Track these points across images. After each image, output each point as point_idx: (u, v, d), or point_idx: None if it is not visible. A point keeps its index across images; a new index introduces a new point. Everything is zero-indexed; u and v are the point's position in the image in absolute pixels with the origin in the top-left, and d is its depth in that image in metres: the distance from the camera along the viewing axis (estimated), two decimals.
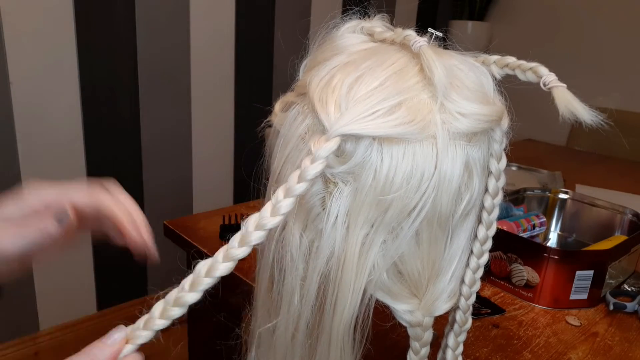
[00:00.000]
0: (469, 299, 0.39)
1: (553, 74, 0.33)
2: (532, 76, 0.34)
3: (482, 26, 2.34)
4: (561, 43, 2.21)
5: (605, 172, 1.42)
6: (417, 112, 0.31)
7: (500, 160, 0.35)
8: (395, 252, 0.32)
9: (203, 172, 1.78)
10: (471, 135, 0.32)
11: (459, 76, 0.33)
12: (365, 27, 0.36)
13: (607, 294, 0.68)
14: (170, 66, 1.60)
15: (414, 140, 0.30)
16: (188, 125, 1.70)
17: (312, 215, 0.33)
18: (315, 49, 0.37)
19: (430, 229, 0.33)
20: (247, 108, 1.82)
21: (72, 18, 1.36)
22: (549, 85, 0.33)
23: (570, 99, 0.32)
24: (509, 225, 0.79)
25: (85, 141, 1.47)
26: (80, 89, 1.42)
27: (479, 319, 0.63)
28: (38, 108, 1.36)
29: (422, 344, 0.38)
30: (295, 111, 0.35)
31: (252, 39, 1.78)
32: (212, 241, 0.80)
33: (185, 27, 1.60)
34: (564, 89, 0.32)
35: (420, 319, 0.36)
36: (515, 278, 0.69)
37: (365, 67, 0.32)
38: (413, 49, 0.33)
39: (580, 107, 0.32)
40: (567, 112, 0.32)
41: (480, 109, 0.32)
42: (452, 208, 0.33)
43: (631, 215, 0.80)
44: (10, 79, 1.29)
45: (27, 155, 1.36)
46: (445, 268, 0.35)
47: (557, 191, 0.90)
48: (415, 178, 0.31)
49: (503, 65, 0.35)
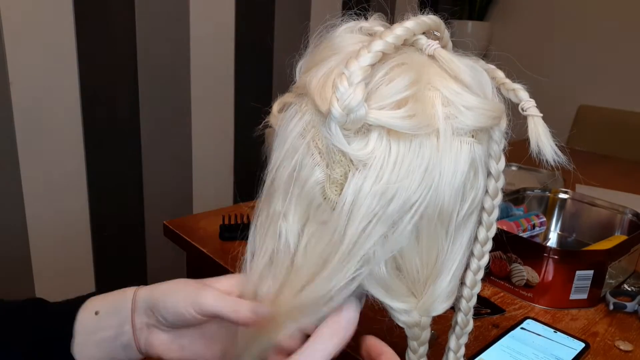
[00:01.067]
0: (470, 300, 0.39)
1: (532, 100, 0.33)
2: (513, 97, 0.34)
3: (482, 26, 2.34)
4: (561, 43, 2.21)
5: (605, 172, 1.42)
6: (424, 106, 0.31)
7: (500, 161, 0.36)
8: (394, 245, 0.32)
9: (203, 172, 1.78)
10: (476, 132, 0.33)
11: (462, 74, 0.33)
12: (365, 27, 0.36)
13: (607, 293, 0.68)
14: (170, 66, 1.60)
15: (420, 134, 0.31)
16: (188, 125, 1.70)
17: (314, 206, 0.33)
18: (312, 50, 0.37)
19: (431, 225, 0.33)
20: (247, 108, 1.82)
21: (72, 18, 1.36)
22: (526, 112, 0.33)
23: (541, 132, 0.32)
24: (509, 225, 0.79)
25: (85, 141, 1.47)
26: (80, 89, 1.42)
27: (479, 319, 0.63)
28: (38, 108, 1.36)
29: (420, 343, 0.38)
30: (293, 110, 0.35)
31: (252, 39, 1.78)
32: (212, 241, 0.80)
33: (185, 27, 1.60)
34: (538, 120, 0.33)
35: (417, 319, 0.36)
36: (515, 278, 0.69)
37: None
38: (427, 52, 0.34)
39: (547, 144, 0.32)
40: (534, 144, 0.32)
41: (485, 103, 0.32)
42: (455, 206, 0.33)
43: (631, 215, 0.80)
44: (10, 79, 1.29)
45: (27, 155, 1.37)
46: (446, 268, 0.35)
47: (557, 191, 0.90)
48: (419, 171, 0.31)
49: (491, 77, 0.36)
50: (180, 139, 1.70)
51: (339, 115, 0.29)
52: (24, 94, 1.32)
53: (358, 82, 0.29)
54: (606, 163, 1.56)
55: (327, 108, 0.30)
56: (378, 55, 0.30)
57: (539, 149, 0.32)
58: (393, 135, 0.31)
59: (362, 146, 0.31)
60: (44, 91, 1.36)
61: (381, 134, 0.31)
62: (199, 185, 1.78)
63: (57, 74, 1.37)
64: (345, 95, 0.29)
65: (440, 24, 0.35)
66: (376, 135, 0.31)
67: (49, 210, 1.44)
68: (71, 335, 0.40)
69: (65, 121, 1.42)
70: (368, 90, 0.31)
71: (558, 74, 2.21)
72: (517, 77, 0.36)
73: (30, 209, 1.40)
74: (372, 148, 0.31)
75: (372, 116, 0.30)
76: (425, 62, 0.33)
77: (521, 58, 0.36)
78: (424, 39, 0.34)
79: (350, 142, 0.31)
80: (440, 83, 0.32)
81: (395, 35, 0.31)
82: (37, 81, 1.34)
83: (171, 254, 1.67)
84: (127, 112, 1.54)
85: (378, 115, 0.30)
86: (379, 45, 0.30)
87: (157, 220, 1.68)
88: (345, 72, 0.29)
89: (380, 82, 0.31)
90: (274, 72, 1.89)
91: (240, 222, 0.83)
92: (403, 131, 0.30)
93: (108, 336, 0.40)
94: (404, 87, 0.31)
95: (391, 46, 0.31)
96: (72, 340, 0.40)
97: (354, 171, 0.31)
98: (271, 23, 1.84)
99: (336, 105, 0.29)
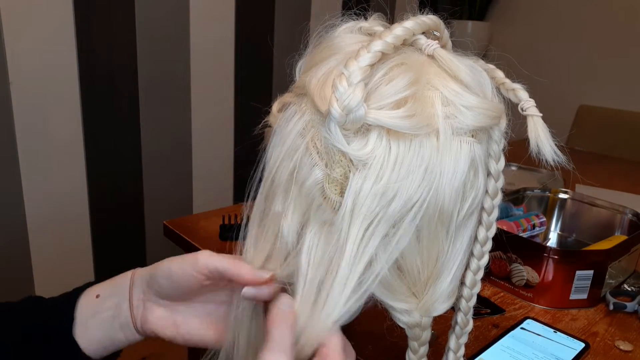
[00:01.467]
0: (470, 300, 0.39)
1: (532, 100, 0.33)
2: (513, 97, 0.34)
3: (482, 26, 2.34)
4: (561, 43, 2.21)
5: (605, 172, 1.42)
6: (423, 106, 0.31)
7: (499, 161, 0.35)
8: (396, 246, 0.32)
9: (203, 172, 1.78)
10: (475, 131, 0.33)
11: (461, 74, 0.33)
12: (364, 27, 0.36)
13: (607, 293, 0.68)
14: (170, 66, 1.60)
15: (420, 134, 0.31)
16: (188, 125, 1.70)
17: (314, 206, 0.33)
18: (312, 50, 0.37)
19: (431, 225, 0.33)
20: (247, 108, 1.82)
21: (72, 18, 1.36)
22: (525, 111, 0.33)
23: (540, 132, 0.32)
24: (509, 225, 0.79)
25: (85, 141, 1.47)
26: (80, 89, 1.42)
27: (479, 318, 0.63)
28: (38, 108, 1.36)
29: (420, 343, 0.38)
30: (292, 110, 0.35)
31: (252, 39, 1.78)
32: (212, 241, 0.80)
33: (185, 27, 1.60)
34: (538, 120, 0.33)
35: (417, 319, 0.36)
36: (515, 278, 0.69)
37: None
38: (427, 52, 0.33)
39: (546, 144, 0.32)
40: (534, 144, 0.32)
41: (484, 103, 0.32)
42: (456, 206, 0.33)
43: (631, 215, 0.80)
44: (10, 79, 1.29)
45: (27, 155, 1.37)
46: (447, 268, 0.35)
47: (557, 191, 0.90)
48: (420, 170, 0.31)
49: (491, 76, 0.36)
50: (180, 139, 1.70)
51: (338, 116, 0.29)
52: (24, 94, 1.32)
53: (357, 82, 0.29)
54: (606, 163, 1.56)
55: (326, 108, 0.30)
56: (377, 55, 0.30)
57: (539, 148, 0.32)
58: (393, 135, 0.31)
59: (362, 146, 0.31)
60: (44, 91, 1.36)
61: (381, 133, 0.31)
62: (199, 185, 1.78)
63: (57, 74, 1.37)
64: (345, 95, 0.29)
65: (440, 24, 0.35)
66: (376, 135, 0.31)
67: (49, 210, 1.44)
68: (72, 319, 0.40)
69: (65, 120, 1.42)
70: (367, 90, 0.31)
71: (558, 74, 2.21)
72: (517, 77, 0.36)
73: (30, 209, 1.40)
74: (371, 148, 0.31)
75: (372, 116, 0.30)
76: (425, 62, 0.33)
77: (521, 58, 0.36)
78: (423, 39, 0.34)
79: (350, 142, 0.31)
80: (440, 83, 0.32)
81: (394, 35, 0.31)
82: (37, 81, 1.34)
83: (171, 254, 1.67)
84: (127, 112, 1.54)
85: (377, 115, 0.30)
86: (378, 46, 0.30)
87: (157, 220, 1.68)
88: (344, 72, 0.29)
89: (380, 82, 0.31)
90: (274, 72, 1.89)
91: (240, 222, 0.83)
92: (403, 131, 0.30)
93: (107, 316, 0.41)
94: (404, 87, 0.31)
95: (390, 46, 0.31)
96: (74, 324, 0.40)
97: (354, 171, 0.31)
98: (271, 23, 1.84)
99: (335, 105, 0.29)
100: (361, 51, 0.30)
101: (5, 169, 1.34)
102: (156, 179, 1.66)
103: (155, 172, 1.66)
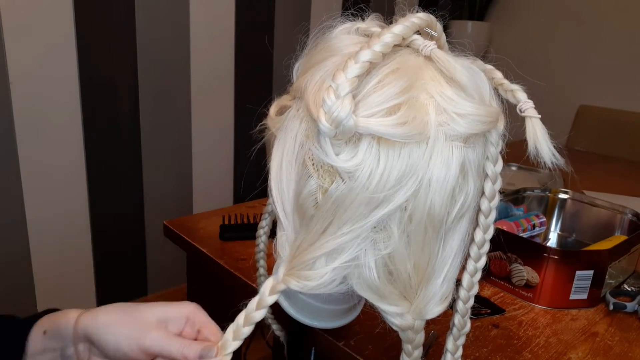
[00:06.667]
0: (467, 302, 0.38)
1: (530, 101, 0.33)
2: (512, 98, 0.34)
3: (482, 26, 2.34)
4: (561, 43, 2.21)
5: (605, 172, 1.42)
6: (416, 113, 0.31)
7: (497, 163, 0.35)
8: (383, 247, 0.32)
9: (203, 172, 1.78)
10: (467, 137, 0.32)
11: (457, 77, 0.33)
12: (361, 28, 0.36)
13: (607, 294, 0.68)
14: (170, 67, 1.60)
15: (411, 142, 0.30)
16: (188, 125, 1.70)
17: (307, 218, 0.33)
18: (309, 51, 0.37)
19: (421, 229, 0.32)
20: (246, 108, 1.82)
21: (71, 18, 1.36)
22: (524, 113, 0.33)
23: (539, 134, 0.32)
24: (509, 225, 0.79)
25: (85, 141, 1.47)
26: (80, 88, 1.42)
27: (479, 319, 0.63)
28: (38, 108, 1.36)
29: (414, 347, 0.37)
30: (290, 115, 0.35)
31: (252, 39, 1.78)
32: (212, 241, 0.80)
33: (185, 27, 1.60)
34: (536, 121, 0.33)
35: (410, 322, 0.35)
36: (515, 278, 0.69)
37: None
38: (423, 53, 0.33)
39: (545, 146, 0.32)
40: (532, 146, 0.32)
41: (478, 109, 0.32)
42: (445, 210, 0.32)
43: (631, 215, 0.80)
44: (10, 79, 1.29)
45: (27, 155, 1.37)
46: (438, 271, 0.35)
47: (557, 191, 0.90)
48: (408, 178, 0.30)
49: (490, 77, 0.35)
50: (181, 139, 1.70)
51: (327, 130, 0.29)
52: (24, 94, 1.32)
53: (345, 94, 0.29)
54: (606, 163, 1.56)
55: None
56: (365, 65, 0.30)
57: (537, 151, 0.32)
58: (383, 143, 0.30)
59: (351, 157, 0.30)
60: (44, 91, 1.36)
61: (371, 143, 0.30)
62: (199, 185, 1.78)
63: (57, 74, 1.37)
64: (333, 108, 0.29)
65: (432, 20, 0.34)
66: (366, 144, 0.30)
67: (49, 210, 1.44)
68: (23, 352, 0.41)
69: (65, 121, 1.42)
70: (359, 99, 0.30)
71: (558, 74, 2.21)
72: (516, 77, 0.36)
73: (30, 209, 1.40)
74: (361, 158, 0.30)
75: (362, 124, 0.29)
76: (421, 64, 0.33)
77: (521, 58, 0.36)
78: (420, 40, 0.34)
79: (341, 151, 0.31)
80: (435, 89, 0.32)
81: (382, 43, 0.31)
82: (37, 81, 1.34)
83: (171, 254, 1.67)
84: (127, 112, 1.54)
85: (367, 124, 0.29)
86: (366, 56, 0.30)
87: (157, 220, 1.68)
88: (332, 85, 0.29)
89: (373, 90, 0.31)
90: (274, 72, 1.89)
91: (240, 222, 0.83)
92: (394, 139, 0.30)
93: (54, 357, 0.41)
94: (396, 94, 0.31)
95: (379, 55, 0.30)
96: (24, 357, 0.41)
97: (338, 182, 0.31)
98: (271, 23, 1.84)
99: (323, 120, 0.29)
100: (349, 62, 0.30)
101: (5, 168, 1.34)
102: (156, 179, 1.66)
103: (156, 172, 1.66)
